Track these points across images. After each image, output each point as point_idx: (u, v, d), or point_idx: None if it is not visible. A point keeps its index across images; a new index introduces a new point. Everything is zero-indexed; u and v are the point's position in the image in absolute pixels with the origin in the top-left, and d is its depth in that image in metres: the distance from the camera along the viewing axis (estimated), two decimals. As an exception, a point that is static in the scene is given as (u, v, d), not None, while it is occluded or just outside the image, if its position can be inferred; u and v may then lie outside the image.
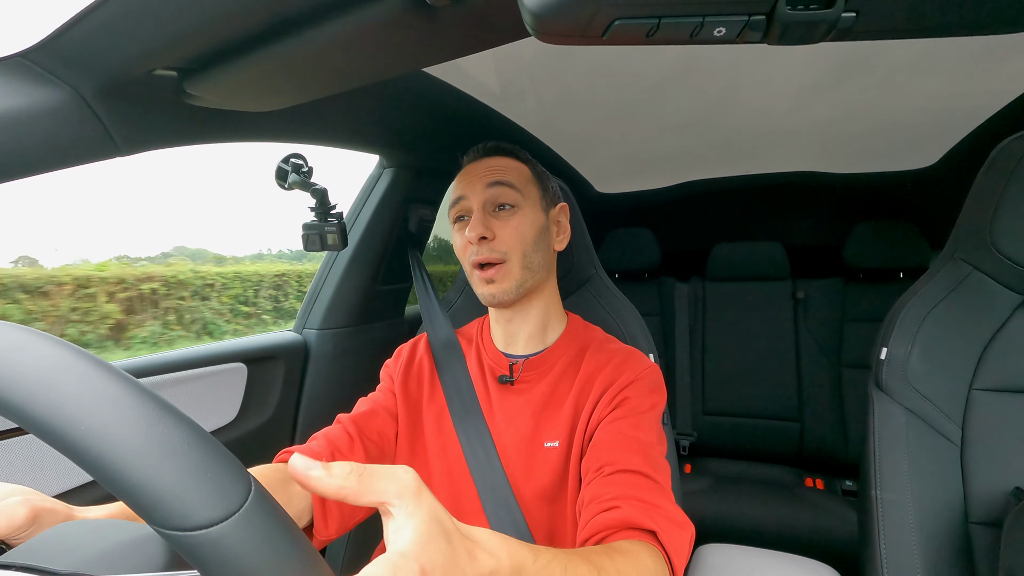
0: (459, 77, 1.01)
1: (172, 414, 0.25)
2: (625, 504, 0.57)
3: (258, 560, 0.24)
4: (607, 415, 0.70)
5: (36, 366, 0.25)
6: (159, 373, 0.93)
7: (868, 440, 0.87)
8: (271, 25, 0.53)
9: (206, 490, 0.24)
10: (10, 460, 0.74)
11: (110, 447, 0.23)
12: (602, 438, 0.68)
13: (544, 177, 0.83)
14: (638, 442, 0.66)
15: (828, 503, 1.58)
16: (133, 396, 0.25)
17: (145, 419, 0.24)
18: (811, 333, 1.90)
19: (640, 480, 0.61)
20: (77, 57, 0.57)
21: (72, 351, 0.26)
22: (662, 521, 0.56)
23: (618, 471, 0.62)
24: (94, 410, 0.24)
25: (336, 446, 0.71)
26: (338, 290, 1.25)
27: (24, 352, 0.25)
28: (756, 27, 0.35)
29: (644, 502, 0.58)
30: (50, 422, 0.23)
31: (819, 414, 1.83)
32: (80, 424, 0.23)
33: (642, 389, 0.73)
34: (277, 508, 0.26)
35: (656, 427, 0.71)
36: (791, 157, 1.82)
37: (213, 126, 0.77)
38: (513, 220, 0.76)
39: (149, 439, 0.24)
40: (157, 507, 0.23)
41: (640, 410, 0.70)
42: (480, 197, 0.76)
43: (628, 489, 0.59)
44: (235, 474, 0.25)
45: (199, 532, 0.23)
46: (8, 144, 0.56)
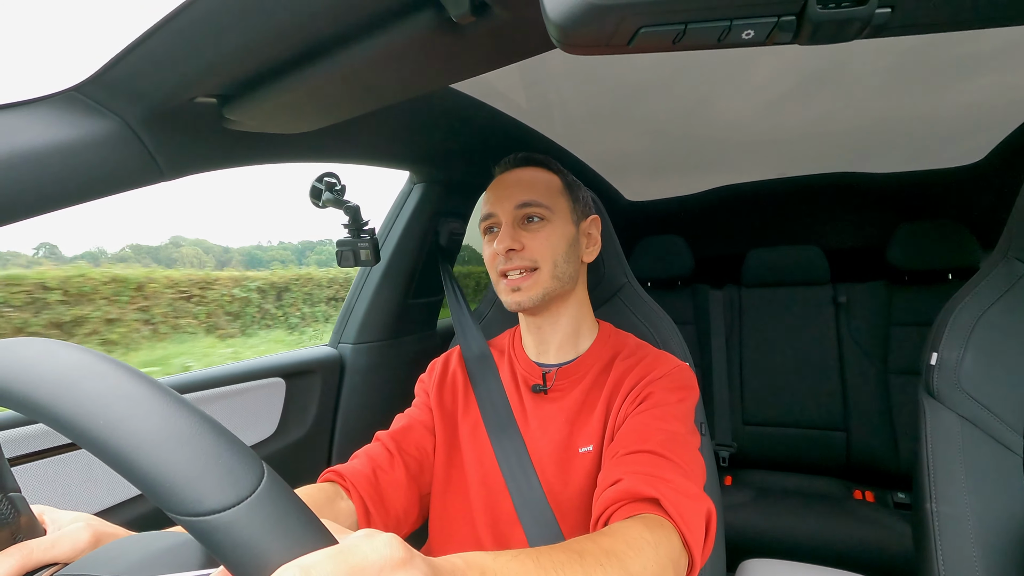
0: (486, 91, 1.02)
1: (183, 406, 0.26)
2: (628, 477, 0.56)
3: (271, 543, 0.24)
4: (632, 411, 0.70)
5: (60, 370, 0.26)
6: (202, 389, 0.96)
7: (921, 450, 0.83)
8: (303, 50, 0.55)
9: (218, 476, 0.24)
10: (66, 473, 0.77)
11: (126, 439, 0.24)
12: (624, 430, 0.67)
13: (575, 188, 0.83)
14: (660, 430, 0.64)
15: (879, 517, 1.50)
16: (147, 391, 0.26)
17: (158, 412, 0.25)
18: (855, 339, 1.83)
19: (649, 458, 0.60)
20: (125, 88, 0.60)
21: (91, 355, 0.27)
22: (665, 489, 0.54)
23: (630, 452, 0.61)
24: (111, 406, 0.25)
25: (377, 463, 0.73)
26: (372, 305, 1.27)
27: (50, 358, 0.27)
28: (786, 28, 0.34)
29: (648, 474, 0.56)
30: (73, 419, 0.25)
31: (866, 423, 1.76)
32: (99, 419, 0.25)
33: (668, 384, 0.72)
34: (290, 493, 0.27)
35: (685, 419, 0.69)
36: (827, 158, 1.77)
37: (251, 149, 0.80)
38: (543, 232, 0.76)
39: (162, 430, 0.25)
40: (171, 494, 0.24)
41: (664, 402, 0.69)
42: (510, 215, 0.77)
43: (634, 466, 0.58)
44: (247, 460, 0.26)
45: (212, 517, 0.24)
46: (63, 173, 0.59)
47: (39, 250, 3.22)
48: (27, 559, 0.37)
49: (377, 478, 0.71)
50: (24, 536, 0.39)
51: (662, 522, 0.52)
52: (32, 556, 0.38)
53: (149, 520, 0.85)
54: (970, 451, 0.78)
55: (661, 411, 0.68)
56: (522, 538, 0.71)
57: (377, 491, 0.70)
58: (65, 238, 2.90)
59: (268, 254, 7.67)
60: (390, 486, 0.72)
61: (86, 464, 0.79)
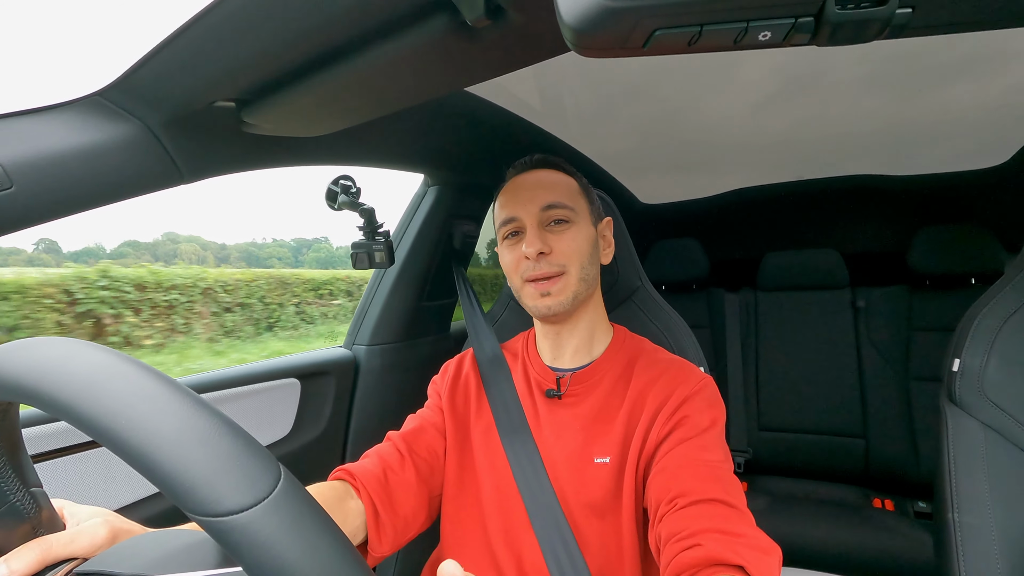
0: (500, 94, 1.02)
1: (203, 408, 0.27)
2: (706, 539, 0.54)
3: (288, 545, 0.25)
4: (667, 435, 0.68)
5: (84, 370, 0.27)
6: (219, 389, 0.97)
7: (942, 458, 0.81)
8: (320, 54, 0.56)
9: (236, 478, 0.25)
10: (87, 470, 0.78)
11: (147, 439, 0.25)
12: (668, 464, 0.65)
13: (589, 190, 0.83)
14: (707, 465, 0.63)
15: (899, 525, 1.47)
16: (167, 392, 0.27)
17: (178, 413, 0.26)
18: (874, 344, 1.80)
19: (717, 509, 0.58)
20: (146, 93, 0.62)
21: (113, 356, 0.28)
22: (747, 552, 0.53)
23: (693, 503, 0.59)
24: (133, 406, 0.25)
25: (388, 463, 0.73)
26: (386, 307, 1.28)
27: (74, 359, 0.27)
28: (803, 29, 0.34)
29: (725, 533, 0.55)
30: (95, 419, 0.25)
31: (886, 430, 1.72)
32: (121, 419, 0.25)
33: (700, 405, 0.70)
34: (306, 496, 0.27)
35: (720, 444, 0.69)
36: (845, 161, 1.75)
37: (268, 152, 0.81)
38: (568, 234, 0.75)
39: (182, 431, 0.25)
40: (190, 494, 0.24)
41: (701, 427, 0.68)
42: (535, 218, 0.76)
43: (706, 521, 0.56)
44: (264, 463, 0.26)
45: (229, 518, 0.24)
46: (87, 176, 0.60)
47: (38, 245, 3.37)
48: (47, 553, 0.38)
49: (387, 478, 0.71)
50: (45, 530, 0.39)
51: None
52: (52, 550, 0.38)
53: (167, 517, 0.86)
54: (994, 460, 0.76)
55: (701, 440, 0.66)
56: (534, 544, 0.71)
57: (387, 491, 0.70)
58: (63, 235, 2.96)
59: (265, 251, 7.71)
60: (400, 487, 0.72)
61: (105, 462, 0.80)
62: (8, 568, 0.37)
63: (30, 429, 0.72)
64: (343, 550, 0.27)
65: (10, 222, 0.56)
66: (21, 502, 0.37)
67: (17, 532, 0.38)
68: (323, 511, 0.28)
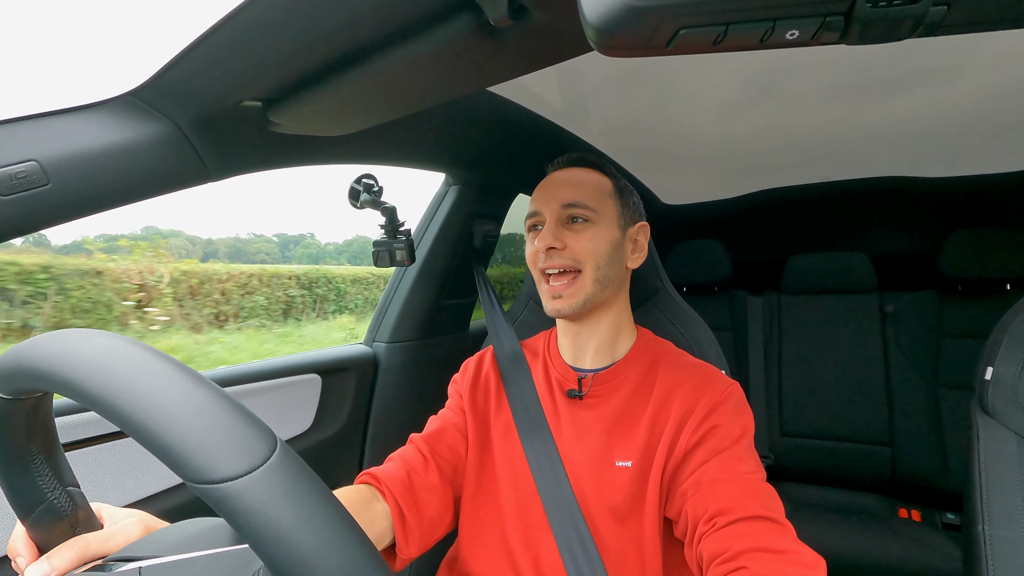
0: (522, 94, 1.02)
1: (201, 383, 0.28)
2: (750, 561, 0.54)
3: (282, 511, 0.25)
4: (696, 444, 0.67)
5: (92, 353, 0.28)
6: (242, 383, 0.99)
7: (973, 469, 0.79)
8: (344, 55, 0.56)
9: (232, 446, 0.26)
10: (113, 460, 0.81)
11: (148, 412, 0.26)
12: (703, 479, 0.64)
13: (626, 193, 0.82)
14: (743, 478, 0.62)
15: (926, 537, 1.44)
16: (167, 370, 0.28)
17: (177, 387, 0.27)
18: (902, 350, 1.76)
19: (759, 526, 0.57)
20: (176, 93, 0.63)
21: (120, 340, 0.30)
22: (792, 569, 0.53)
23: (733, 521, 0.58)
24: (136, 383, 0.27)
25: (411, 466, 0.74)
26: (406, 305, 1.29)
27: (84, 344, 0.29)
28: (833, 27, 0.33)
29: (769, 551, 0.54)
30: (102, 396, 0.27)
31: (914, 438, 1.68)
32: (124, 395, 0.26)
33: (729, 413, 0.69)
34: (301, 465, 0.28)
35: (752, 453, 0.68)
36: (875, 162, 1.71)
37: (293, 151, 0.82)
38: (586, 233, 0.75)
39: (180, 404, 0.26)
40: (188, 462, 0.25)
41: (733, 437, 0.67)
42: (555, 214, 0.76)
43: (749, 540, 0.56)
44: (260, 433, 0.27)
45: (225, 484, 0.25)
46: (120, 173, 0.62)
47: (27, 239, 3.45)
48: (85, 551, 0.40)
49: (411, 481, 0.72)
50: (82, 529, 0.41)
51: None
52: (89, 548, 0.40)
53: (193, 508, 0.89)
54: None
55: (734, 451, 0.66)
56: (552, 544, 0.70)
57: (411, 494, 0.71)
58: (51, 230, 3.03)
59: (251, 247, 7.71)
60: (424, 489, 0.73)
61: (132, 453, 0.82)
62: (50, 565, 0.38)
63: (61, 419, 0.75)
64: (338, 518, 0.27)
65: (47, 217, 0.58)
66: (59, 500, 0.38)
67: (56, 530, 0.39)
68: (319, 480, 0.28)
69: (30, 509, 0.38)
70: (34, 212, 0.56)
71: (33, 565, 0.39)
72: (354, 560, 0.26)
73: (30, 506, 0.38)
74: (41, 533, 0.39)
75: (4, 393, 0.32)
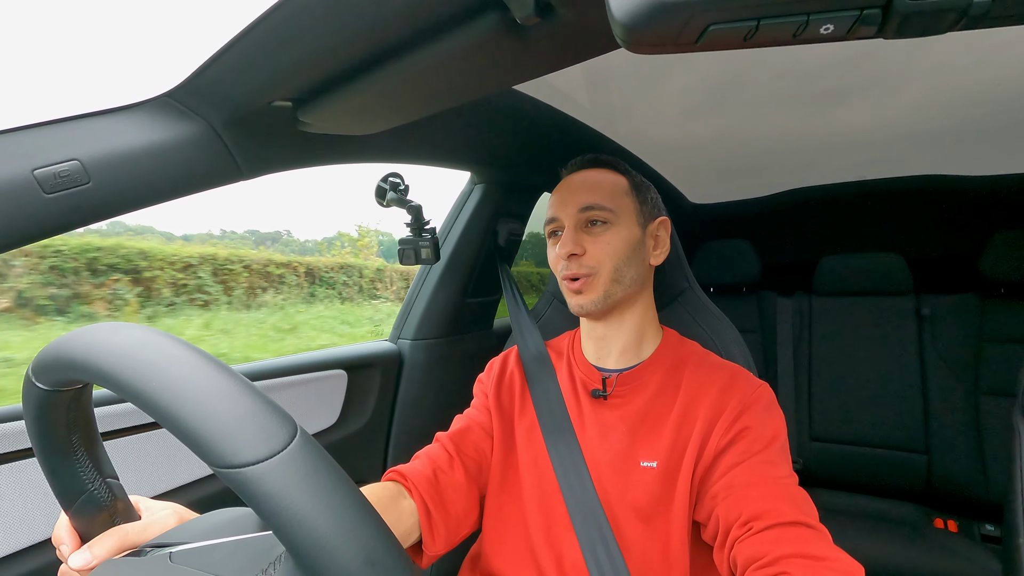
0: (548, 92, 1.02)
1: (224, 371, 0.29)
2: (790, 566, 0.52)
3: (301, 496, 0.26)
4: (727, 446, 0.66)
5: (123, 344, 0.30)
6: (270, 377, 1.01)
7: (1014, 479, 0.76)
8: (372, 54, 0.57)
9: (253, 432, 0.26)
10: (149, 450, 0.83)
11: (174, 398, 0.27)
12: (735, 482, 0.63)
13: (643, 189, 0.81)
14: (777, 483, 0.61)
15: (963, 548, 1.38)
16: (193, 359, 0.29)
17: (202, 375, 0.28)
18: (940, 355, 1.70)
19: (797, 532, 0.56)
20: (210, 93, 0.65)
21: (145, 330, 0.31)
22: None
23: (770, 526, 0.57)
24: (163, 371, 0.28)
25: (437, 464, 0.75)
26: (431, 302, 1.30)
27: (116, 335, 0.30)
28: (870, 21, 0.32)
29: (809, 558, 0.53)
30: (132, 384, 0.28)
31: (951, 446, 1.62)
32: (152, 382, 0.27)
33: (760, 415, 0.68)
34: (321, 453, 0.28)
35: (785, 457, 0.67)
36: (912, 160, 1.65)
37: (322, 150, 0.84)
38: (605, 236, 0.75)
39: (204, 390, 0.27)
40: (212, 447, 0.26)
41: (765, 440, 0.66)
42: (573, 219, 0.77)
43: (788, 546, 0.54)
44: (280, 419, 0.28)
45: (246, 468, 0.26)
46: (156, 173, 0.64)
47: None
48: (124, 540, 0.42)
49: (437, 479, 0.73)
50: (121, 520, 0.43)
51: None
52: (128, 538, 0.42)
53: (225, 497, 0.91)
54: None
55: (767, 454, 0.65)
56: (575, 544, 0.70)
57: (437, 492, 0.72)
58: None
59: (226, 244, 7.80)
60: (450, 487, 0.73)
61: (167, 443, 0.85)
62: (92, 554, 0.41)
63: (99, 409, 0.77)
64: (356, 503, 0.28)
65: (88, 215, 0.60)
66: (99, 491, 0.40)
67: (97, 520, 0.42)
68: (337, 467, 0.29)
69: (72, 499, 0.40)
70: (76, 210, 0.59)
71: (76, 553, 0.41)
72: (371, 543, 0.27)
73: (72, 496, 0.40)
74: (83, 523, 0.41)
75: (45, 385, 0.33)
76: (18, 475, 0.69)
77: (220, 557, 0.33)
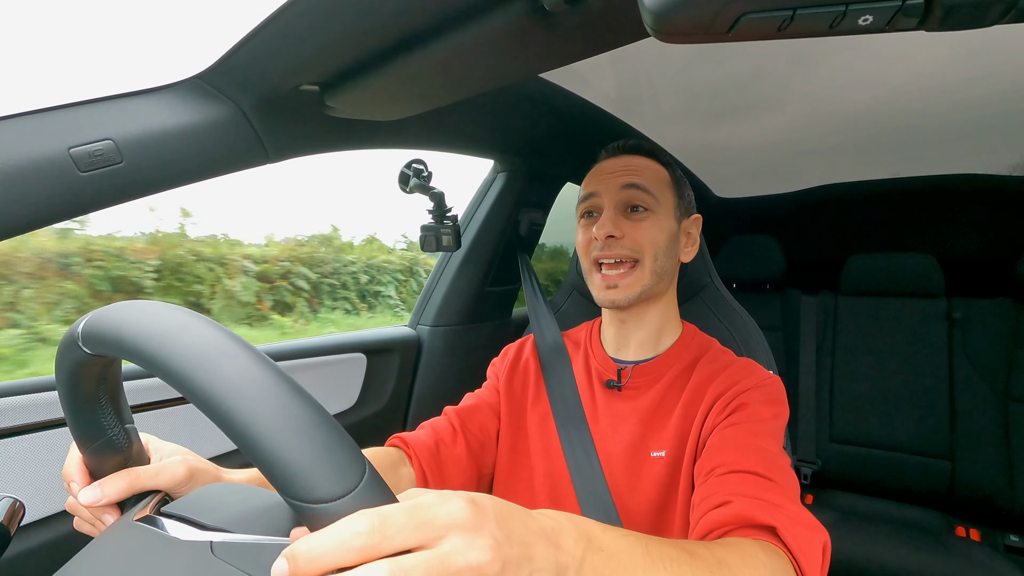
0: (574, 80, 1.01)
1: (303, 397, 0.28)
2: (738, 499, 0.52)
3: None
4: (721, 420, 0.65)
5: (198, 345, 0.29)
6: (292, 358, 1.03)
7: None
8: (399, 40, 0.57)
9: (329, 469, 0.26)
10: (175, 424, 0.86)
11: (253, 422, 0.26)
12: (715, 442, 0.63)
13: (682, 184, 0.80)
14: (757, 448, 0.60)
15: (986, 559, 1.35)
16: (272, 379, 0.28)
17: (281, 400, 0.27)
18: (970, 360, 1.65)
19: (757, 480, 0.55)
20: (240, 76, 0.65)
21: (225, 333, 0.30)
22: (783, 518, 0.49)
23: (732, 471, 0.56)
24: (241, 388, 0.27)
25: (440, 436, 0.75)
26: (450, 289, 1.31)
27: (189, 332, 0.29)
28: (912, 12, 0.30)
29: (761, 499, 0.51)
30: (207, 394, 0.27)
31: (978, 453, 1.58)
32: (229, 399, 0.27)
33: (761, 397, 0.66)
34: (388, 490, 0.28)
35: (778, 438, 0.65)
36: (950, 157, 1.60)
37: (348, 135, 0.84)
38: (645, 223, 0.73)
39: (284, 418, 0.27)
40: (289, 480, 0.26)
41: (760, 417, 0.64)
42: (613, 197, 0.74)
43: (743, 487, 0.54)
44: (353, 456, 0.28)
45: (320, 505, 0.26)
46: (185, 154, 0.65)
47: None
48: (135, 483, 0.43)
49: (439, 450, 0.73)
50: (133, 463, 0.45)
51: (778, 551, 0.47)
52: (139, 481, 0.43)
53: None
54: None
55: (755, 427, 0.63)
56: None
57: (437, 462, 0.72)
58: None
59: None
60: (450, 460, 0.74)
61: (190, 419, 0.87)
62: (102, 492, 0.42)
63: (128, 383, 0.80)
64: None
65: (120, 194, 0.62)
66: (117, 437, 0.42)
67: (110, 462, 0.43)
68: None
69: (91, 441, 0.41)
70: (110, 189, 0.60)
71: (87, 489, 0.42)
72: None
73: (91, 438, 0.41)
74: (96, 463, 0.43)
75: (91, 350, 0.34)
76: (34, 446, 0.72)
77: (264, 561, 0.33)
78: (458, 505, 0.27)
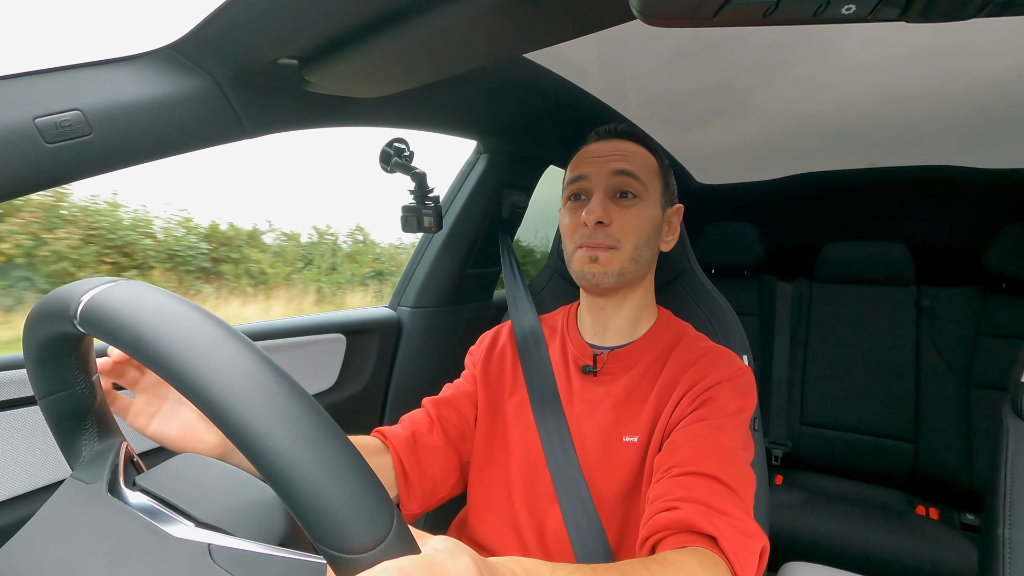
0: (559, 62, 1.00)
1: (341, 440, 0.28)
2: (685, 506, 0.54)
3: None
4: (688, 414, 0.67)
5: (230, 370, 0.27)
6: (270, 338, 1.01)
7: (999, 471, 0.77)
8: (382, 14, 0.56)
9: (363, 521, 0.26)
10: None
11: (294, 466, 0.26)
12: (678, 438, 0.65)
13: (668, 172, 0.80)
14: (717, 446, 0.62)
15: (943, 535, 1.42)
16: (315, 420, 0.27)
17: (321, 443, 0.27)
18: (936, 346, 1.71)
19: (709, 484, 0.57)
20: (215, 47, 0.63)
21: (259, 357, 0.28)
22: (724, 527, 0.52)
23: (687, 473, 0.59)
24: (281, 428, 0.26)
25: (417, 427, 0.77)
26: (431, 271, 1.30)
27: (222, 354, 0.28)
28: (893, 3, 0.31)
29: (708, 506, 0.54)
30: (245, 430, 0.26)
31: (940, 436, 1.64)
32: (268, 439, 0.26)
33: (730, 391, 0.68)
34: (411, 538, 0.28)
35: (742, 432, 0.67)
36: (923, 150, 1.63)
37: (328, 111, 0.82)
38: (633, 210, 0.74)
39: (325, 466, 0.26)
40: (325, 530, 0.26)
41: (725, 412, 0.66)
42: (604, 182, 0.74)
43: (693, 492, 0.56)
44: (384, 505, 0.27)
45: (352, 556, 0.26)
46: (158, 127, 0.63)
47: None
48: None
49: (416, 441, 0.75)
50: (95, 417, 0.44)
51: (716, 560, 0.50)
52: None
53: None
54: None
55: (719, 422, 0.65)
56: (558, 515, 0.72)
57: (414, 453, 0.74)
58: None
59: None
60: (427, 450, 0.76)
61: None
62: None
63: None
64: None
65: (89, 168, 0.60)
66: (83, 390, 0.42)
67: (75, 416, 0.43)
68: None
69: (52, 394, 0.42)
70: (78, 161, 0.58)
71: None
72: None
73: (52, 391, 0.42)
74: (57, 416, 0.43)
75: (85, 330, 0.32)
76: (19, 421, 0.70)
77: (265, 573, 0.33)
78: (465, 562, 0.30)
